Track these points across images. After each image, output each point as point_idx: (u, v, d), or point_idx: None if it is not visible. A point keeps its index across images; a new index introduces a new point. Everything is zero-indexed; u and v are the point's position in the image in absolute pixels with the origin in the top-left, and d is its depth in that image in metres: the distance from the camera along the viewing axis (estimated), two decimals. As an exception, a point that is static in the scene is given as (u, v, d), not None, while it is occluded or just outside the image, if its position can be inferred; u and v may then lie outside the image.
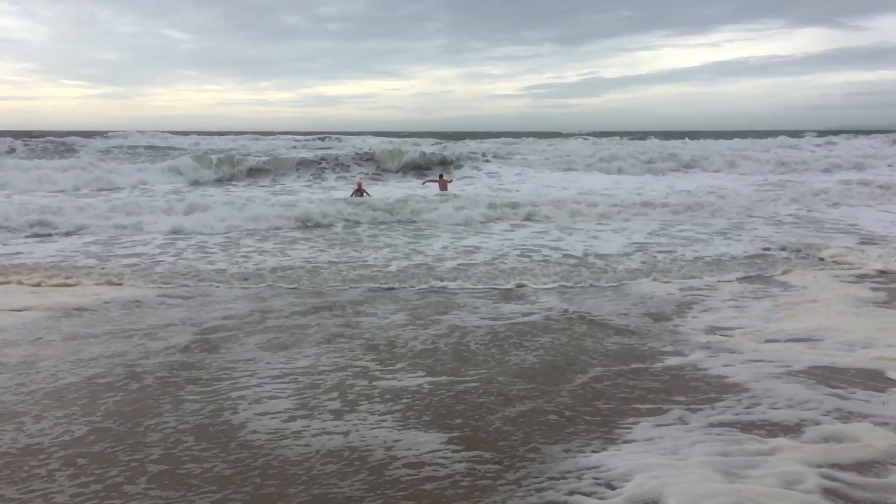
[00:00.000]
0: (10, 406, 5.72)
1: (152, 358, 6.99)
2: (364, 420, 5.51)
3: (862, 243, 13.33)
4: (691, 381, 6.17)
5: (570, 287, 10.00)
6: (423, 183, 23.25)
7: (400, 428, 5.39)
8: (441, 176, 23.54)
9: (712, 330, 7.75)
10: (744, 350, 6.99)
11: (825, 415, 5.35)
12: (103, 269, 11.29)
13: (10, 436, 5.16)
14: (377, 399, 5.95)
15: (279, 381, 6.38)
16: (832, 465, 4.51)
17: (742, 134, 70.49)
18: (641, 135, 77.16)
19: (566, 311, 8.63)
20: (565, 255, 12.57)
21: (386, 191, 24.71)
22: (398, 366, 6.79)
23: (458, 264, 11.76)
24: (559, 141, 54.88)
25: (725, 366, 6.54)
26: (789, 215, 18.34)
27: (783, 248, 12.84)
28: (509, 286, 10.04)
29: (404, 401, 5.87)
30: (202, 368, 6.70)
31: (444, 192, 21.76)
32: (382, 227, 16.56)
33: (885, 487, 4.27)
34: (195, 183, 27.94)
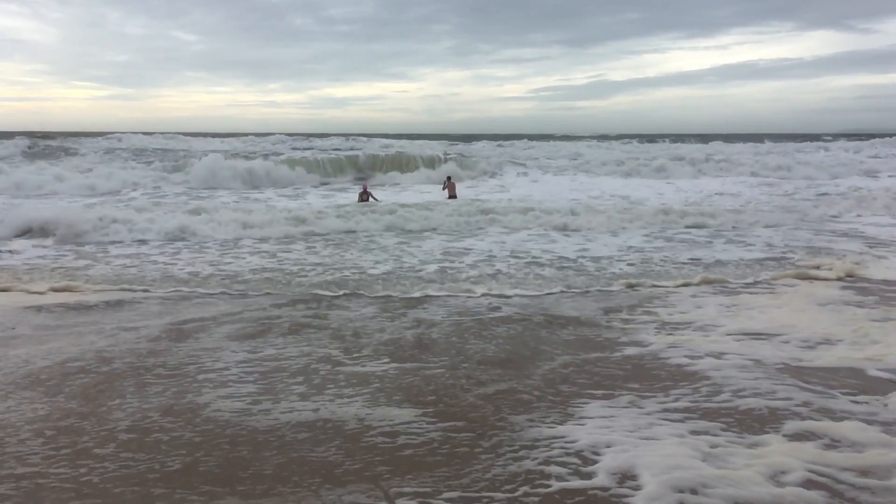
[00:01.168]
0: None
1: (122, 345, 7.21)
2: (332, 401, 5.72)
3: (870, 248, 13.35)
4: (652, 370, 6.41)
5: (546, 291, 9.99)
6: (443, 188, 22.93)
7: (370, 405, 5.61)
8: (449, 178, 23.34)
9: (671, 325, 7.95)
10: (699, 343, 7.17)
11: (798, 406, 5.48)
12: (89, 271, 11.38)
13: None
14: (343, 383, 6.17)
15: (244, 365, 6.62)
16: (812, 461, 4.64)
17: (752, 137, 70.05)
18: (650, 137, 76.82)
19: (529, 306, 8.86)
20: (559, 258, 12.58)
21: (395, 196, 23.88)
22: (364, 353, 7.05)
23: (443, 266, 11.80)
24: (571, 144, 54.63)
25: (685, 356, 6.76)
26: (805, 220, 18.16)
27: (778, 256, 12.63)
28: (485, 288, 10.09)
29: (373, 384, 6.10)
30: (170, 355, 6.93)
31: (454, 198, 21.50)
32: (381, 229, 16.48)
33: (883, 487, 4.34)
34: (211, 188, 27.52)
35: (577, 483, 4.28)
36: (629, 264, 11.88)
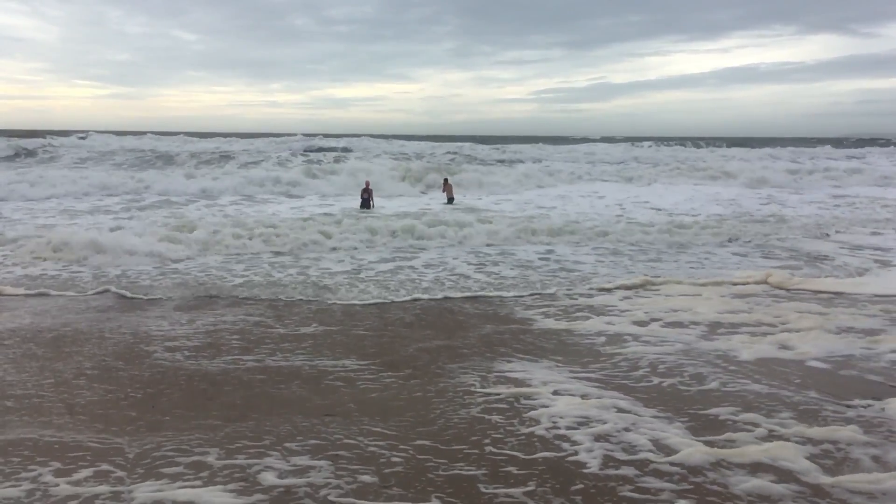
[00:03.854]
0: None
1: (77, 314, 8.00)
2: (273, 354, 6.45)
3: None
4: (573, 346, 7.05)
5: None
6: (442, 190, 22.22)
7: (315, 357, 6.35)
8: (446, 181, 22.64)
9: (581, 309, 8.53)
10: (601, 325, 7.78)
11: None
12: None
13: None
14: (279, 339, 6.95)
15: (188, 326, 7.41)
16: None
17: (757, 142, 69.61)
18: (664, 140, 74.87)
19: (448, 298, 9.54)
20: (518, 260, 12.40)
21: (390, 202, 21.66)
22: (295, 319, 7.84)
23: (395, 266, 11.54)
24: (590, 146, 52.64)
25: (596, 334, 7.42)
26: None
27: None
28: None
29: (307, 342, 6.88)
30: (122, 319, 7.73)
31: (452, 200, 21.28)
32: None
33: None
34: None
35: (522, 432, 4.79)
36: (595, 267, 11.66)
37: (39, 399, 5.32)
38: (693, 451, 4.56)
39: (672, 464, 4.41)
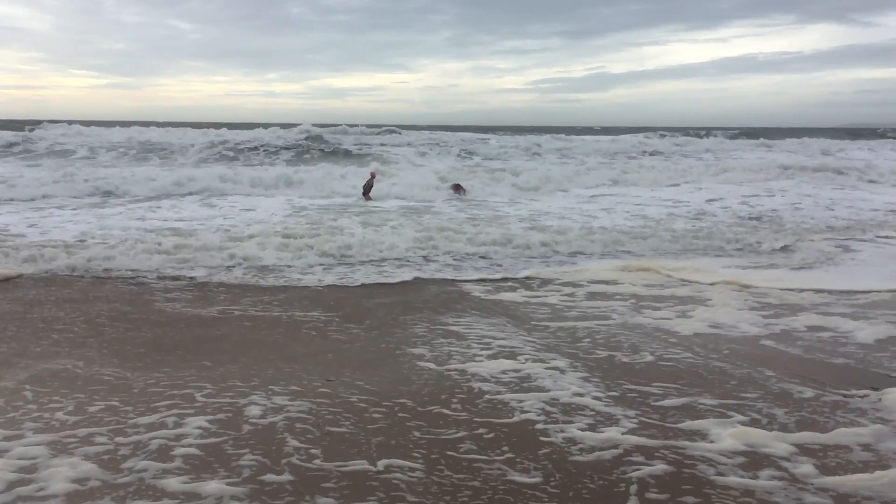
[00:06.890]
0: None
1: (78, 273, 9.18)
2: (255, 305, 7.56)
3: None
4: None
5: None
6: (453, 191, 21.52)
7: (288, 310, 7.40)
8: (456, 185, 21.99)
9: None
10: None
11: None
12: None
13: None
14: (258, 292, 8.21)
15: (177, 282, 8.64)
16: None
17: (754, 132, 69.21)
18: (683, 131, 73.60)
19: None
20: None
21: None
22: (269, 279, 9.04)
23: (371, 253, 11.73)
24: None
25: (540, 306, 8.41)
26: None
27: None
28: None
29: (280, 296, 8.01)
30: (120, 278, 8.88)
31: (457, 193, 21.08)
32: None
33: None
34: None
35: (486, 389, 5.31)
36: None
37: (73, 335, 6.51)
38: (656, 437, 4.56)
39: (635, 444, 4.46)
